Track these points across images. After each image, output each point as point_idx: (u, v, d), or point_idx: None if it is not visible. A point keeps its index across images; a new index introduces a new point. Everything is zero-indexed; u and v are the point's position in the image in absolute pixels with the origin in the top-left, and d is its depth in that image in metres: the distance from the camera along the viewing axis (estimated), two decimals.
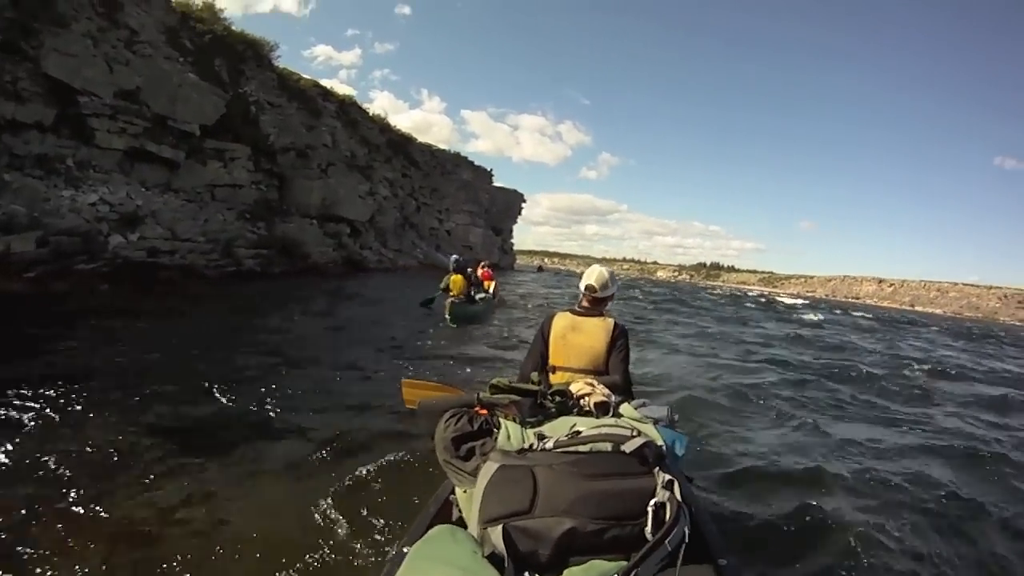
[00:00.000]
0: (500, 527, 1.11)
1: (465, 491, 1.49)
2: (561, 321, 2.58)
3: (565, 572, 1.09)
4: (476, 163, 36.85)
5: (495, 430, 1.46)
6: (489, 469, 1.25)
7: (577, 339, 2.52)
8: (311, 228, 16.76)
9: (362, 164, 22.82)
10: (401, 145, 27.82)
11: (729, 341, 11.40)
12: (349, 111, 23.29)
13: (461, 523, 1.52)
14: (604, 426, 1.38)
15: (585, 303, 2.65)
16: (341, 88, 24.21)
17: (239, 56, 16.24)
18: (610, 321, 2.57)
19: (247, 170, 14.89)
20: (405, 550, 1.33)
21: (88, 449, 3.07)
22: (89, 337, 5.70)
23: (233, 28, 16.32)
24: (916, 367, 9.59)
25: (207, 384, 4.42)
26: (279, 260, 14.06)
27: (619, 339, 2.52)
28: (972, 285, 76.78)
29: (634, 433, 1.32)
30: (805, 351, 10.94)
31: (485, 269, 11.49)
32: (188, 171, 12.98)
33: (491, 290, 10.84)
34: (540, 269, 56.05)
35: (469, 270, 10.02)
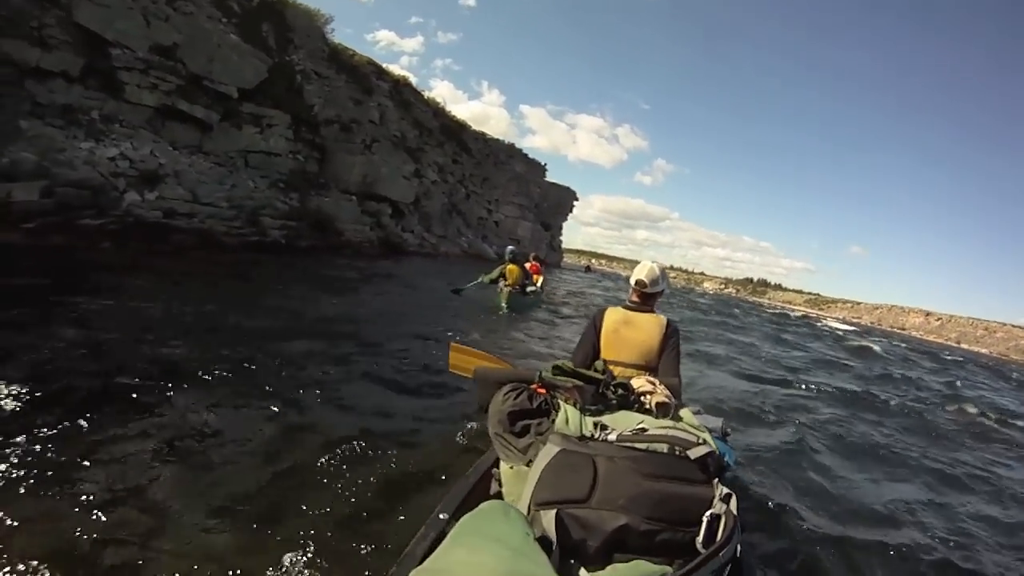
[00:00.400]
0: (554, 512, 1.14)
1: (512, 467, 1.52)
2: (613, 315, 2.51)
3: (608, 568, 1.09)
4: (530, 156, 35.55)
5: (554, 411, 1.51)
6: (549, 451, 1.30)
7: (630, 334, 2.43)
8: (349, 204, 16.02)
9: (412, 146, 22.03)
10: (454, 131, 26.85)
11: (777, 361, 10.67)
12: (403, 92, 22.50)
13: (499, 497, 1.57)
14: (669, 428, 1.40)
15: (635, 298, 2.56)
16: (400, 72, 23.67)
17: (288, 25, 15.68)
18: (663, 318, 2.49)
19: (285, 139, 14.26)
20: (442, 516, 1.42)
21: (42, 431, 2.46)
22: (80, 298, 5.00)
23: None
24: (976, 408, 8.80)
25: (197, 364, 3.73)
26: (309, 234, 13.33)
27: (671, 337, 2.42)
28: (1020, 327, 72.59)
29: (700, 440, 1.34)
30: (855, 379, 10.11)
31: (534, 263, 11.44)
32: (222, 134, 12.42)
33: (539, 284, 10.77)
34: (588, 269, 53.89)
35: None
